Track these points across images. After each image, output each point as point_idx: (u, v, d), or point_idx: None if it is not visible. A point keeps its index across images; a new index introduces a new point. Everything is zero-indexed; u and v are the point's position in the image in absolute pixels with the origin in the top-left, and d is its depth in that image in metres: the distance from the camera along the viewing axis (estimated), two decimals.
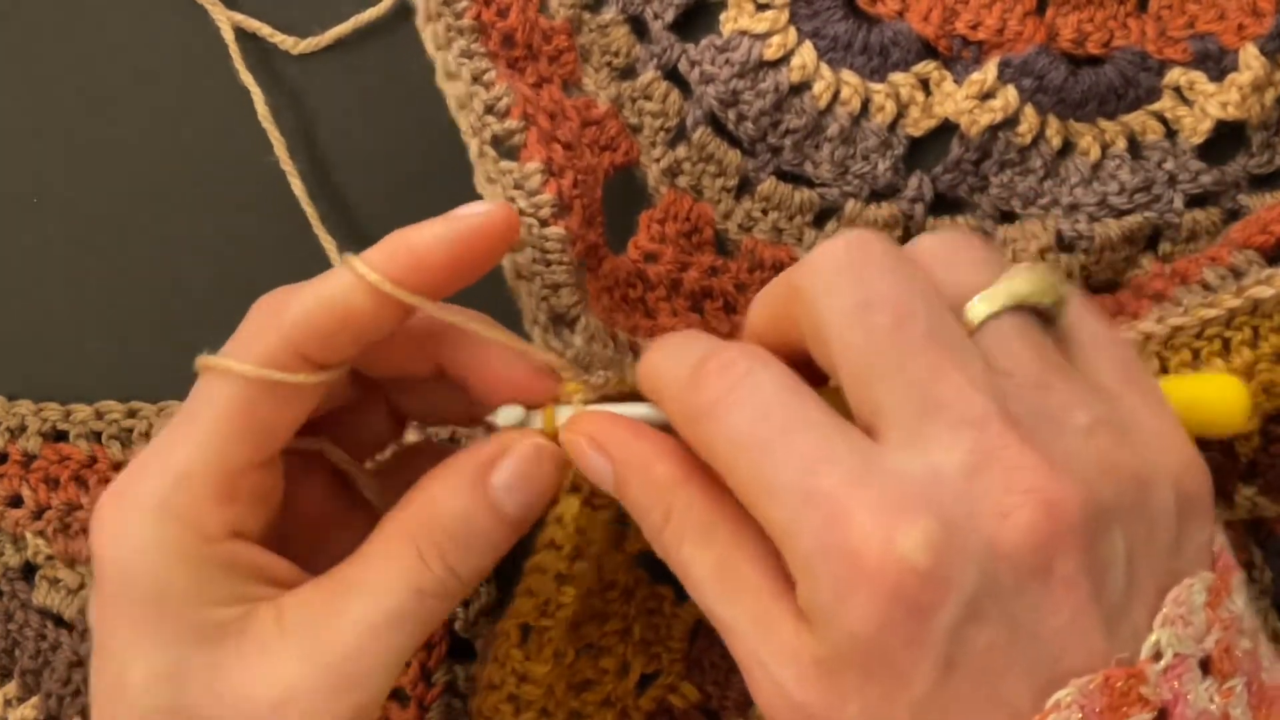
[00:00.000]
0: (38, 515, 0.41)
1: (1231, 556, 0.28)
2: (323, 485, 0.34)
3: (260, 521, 0.31)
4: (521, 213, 0.33)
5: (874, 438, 0.26)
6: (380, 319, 0.30)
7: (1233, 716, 0.25)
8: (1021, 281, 0.27)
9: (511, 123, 0.35)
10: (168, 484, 0.29)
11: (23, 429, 0.41)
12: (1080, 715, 0.24)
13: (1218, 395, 0.31)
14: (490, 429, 0.32)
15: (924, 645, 0.25)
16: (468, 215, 0.30)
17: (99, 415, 0.41)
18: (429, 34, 0.35)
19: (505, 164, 0.34)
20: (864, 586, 0.25)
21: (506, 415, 0.32)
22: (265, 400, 0.30)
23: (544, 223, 0.33)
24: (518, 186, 0.34)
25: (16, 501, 0.41)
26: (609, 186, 0.39)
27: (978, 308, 0.27)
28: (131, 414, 0.41)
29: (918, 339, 0.26)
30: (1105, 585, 0.25)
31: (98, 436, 0.41)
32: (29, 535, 0.41)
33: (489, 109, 0.35)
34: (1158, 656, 0.25)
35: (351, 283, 0.29)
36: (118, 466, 0.41)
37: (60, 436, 0.41)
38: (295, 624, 0.29)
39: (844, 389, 0.27)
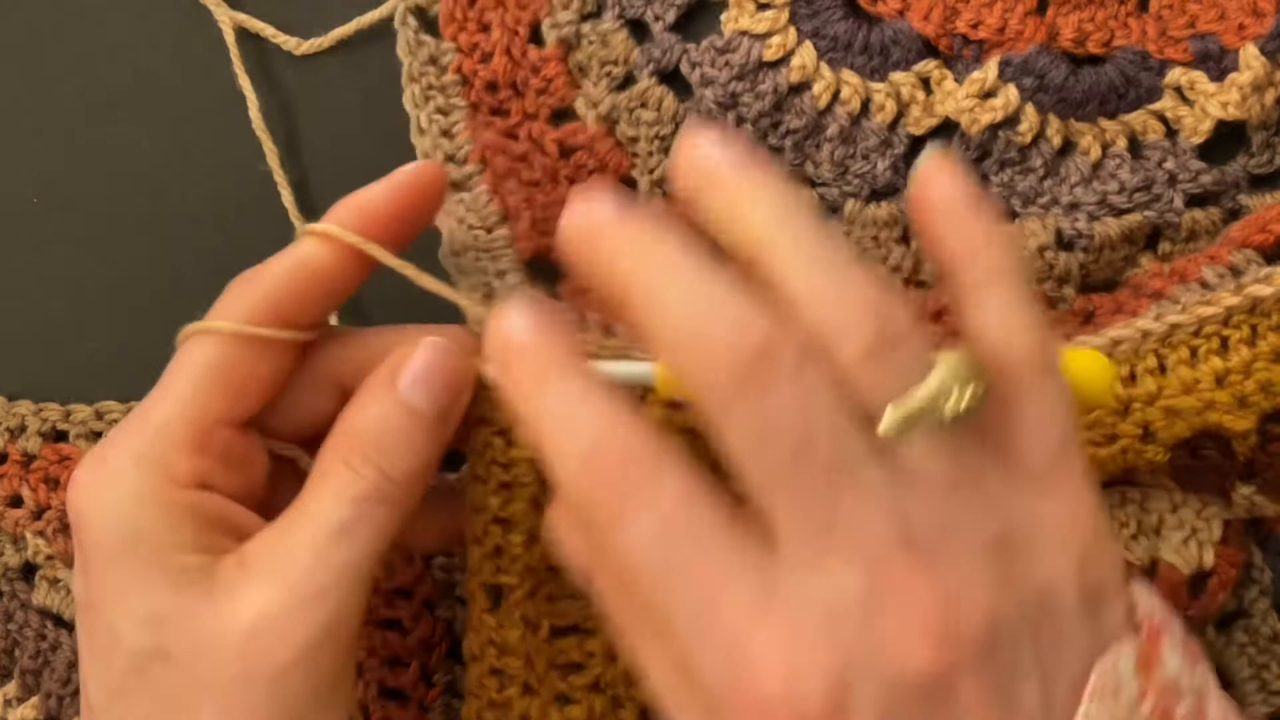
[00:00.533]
0: (38, 515, 0.42)
1: (1163, 613, 0.28)
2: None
3: (232, 484, 0.33)
4: (470, 226, 0.38)
5: (772, 541, 0.26)
6: (345, 271, 0.34)
7: None
8: (933, 392, 0.26)
9: (469, 168, 0.39)
10: (143, 437, 0.32)
11: (23, 429, 0.42)
12: None
13: (1083, 371, 0.30)
14: None
15: None
16: (402, 172, 0.35)
17: (99, 416, 0.41)
18: (408, 95, 0.40)
19: (457, 195, 0.39)
20: None
21: None
22: (240, 357, 0.33)
23: (489, 230, 0.38)
24: (469, 209, 0.39)
25: (16, 501, 0.42)
26: None
27: (887, 421, 0.26)
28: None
29: (816, 465, 0.26)
30: (1019, 700, 0.26)
31: (98, 437, 0.41)
32: (29, 535, 0.42)
33: (449, 157, 0.39)
34: None
35: (315, 244, 0.34)
36: None
37: (60, 437, 0.42)
38: (255, 561, 0.31)
39: (747, 494, 0.27)
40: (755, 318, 0.26)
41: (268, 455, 0.35)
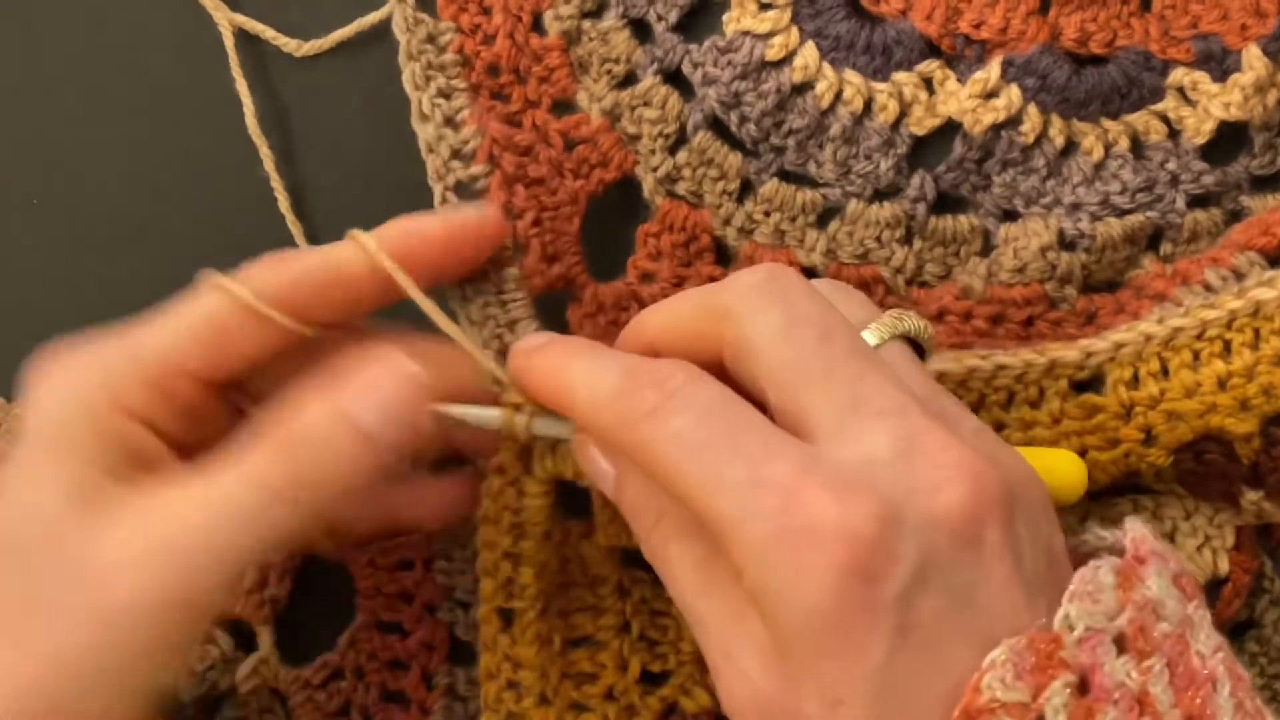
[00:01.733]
0: None
1: (1153, 545, 0.30)
2: None
3: (177, 432, 0.34)
4: None
5: (806, 437, 0.29)
6: (373, 286, 0.35)
7: (1153, 694, 0.28)
8: (902, 318, 0.33)
9: (476, 168, 0.39)
10: (115, 353, 0.33)
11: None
12: (1013, 672, 0.27)
13: (1058, 469, 0.35)
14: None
15: (878, 613, 0.27)
16: (466, 213, 0.36)
17: None
18: (407, 74, 0.40)
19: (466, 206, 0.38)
20: (820, 560, 0.27)
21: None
22: (239, 326, 0.34)
23: (498, 264, 0.38)
24: None
25: None
26: (607, 204, 0.41)
27: (869, 336, 0.32)
28: None
29: (839, 350, 0.30)
30: (1023, 559, 0.29)
31: None
32: None
33: (455, 153, 0.39)
34: (1071, 629, 0.28)
35: (352, 249, 0.34)
36: None
37: None
38: (149, 502, 0.32)
39: (771, 398, 0.30)
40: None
41: (229, 421, 0.35)
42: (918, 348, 0.34)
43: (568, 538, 0.40)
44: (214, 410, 0.35)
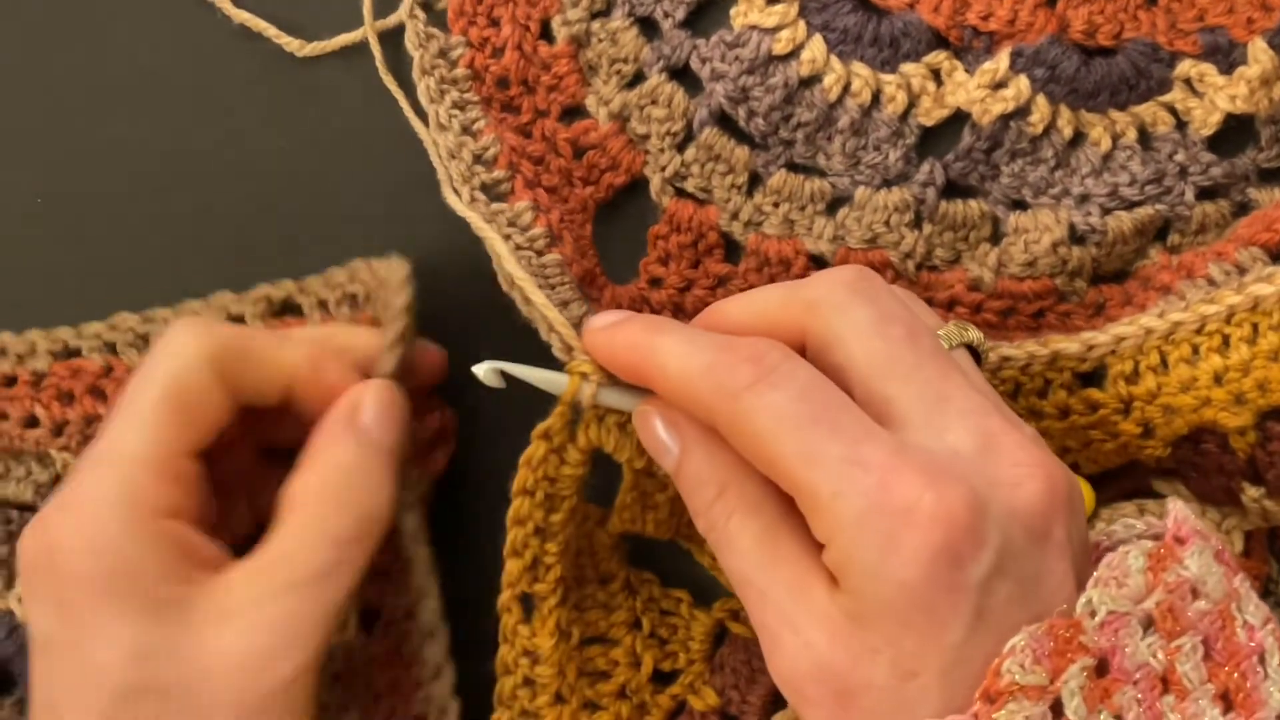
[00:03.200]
0: (58, 432, 0.42)
1: (1195, 525, 0.32)
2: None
3: (192, 507, 0.35)
4: (518, 247, 0.39)
5: (891, 425, 0.31)
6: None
7: (1181, 671, 0.30)
8: (965, 328, 0.35)
9: (499, 172, 0.40)
10: (116, 470, 0.34)
11: (32, 352, 0.42)
12: (1033, 656, 0.29)
13: None
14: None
15: (962, 593, 0.29)
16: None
17: (112, 328, 0.42)
18: (423, 88, 0.41)
19: (497, 205, 0.39)
20: (915, 539, 0.29)
21: (487, 374, 0.36)
22: (193, 395, 0.35)
23: (540, 253, 0.39)
24: (512, 224, 0.39)
25: (32, 422, 0.42)
26: (616, 211, 0.42)
27: (940, 340, 0.34)
28: (147, 320, 0.42)
29: (925, 348, 0.33)
30: (1076, 556, 0.31)
31: (112, 348, 0.42)
32: (54, 452, 0.41)
33: (477, 158, 0.40)
34: (1093, 612, 0.30)
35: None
36: None
37: (73, 356, 0.42)
38: (240, 598, 0.33)
39: (858, 388, 0.32)
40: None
41: (209, 480, 0.36)
42: (975, 356, 0.36)
43: (585, 522, 0.40)
44: (204, 477, 0.36)
